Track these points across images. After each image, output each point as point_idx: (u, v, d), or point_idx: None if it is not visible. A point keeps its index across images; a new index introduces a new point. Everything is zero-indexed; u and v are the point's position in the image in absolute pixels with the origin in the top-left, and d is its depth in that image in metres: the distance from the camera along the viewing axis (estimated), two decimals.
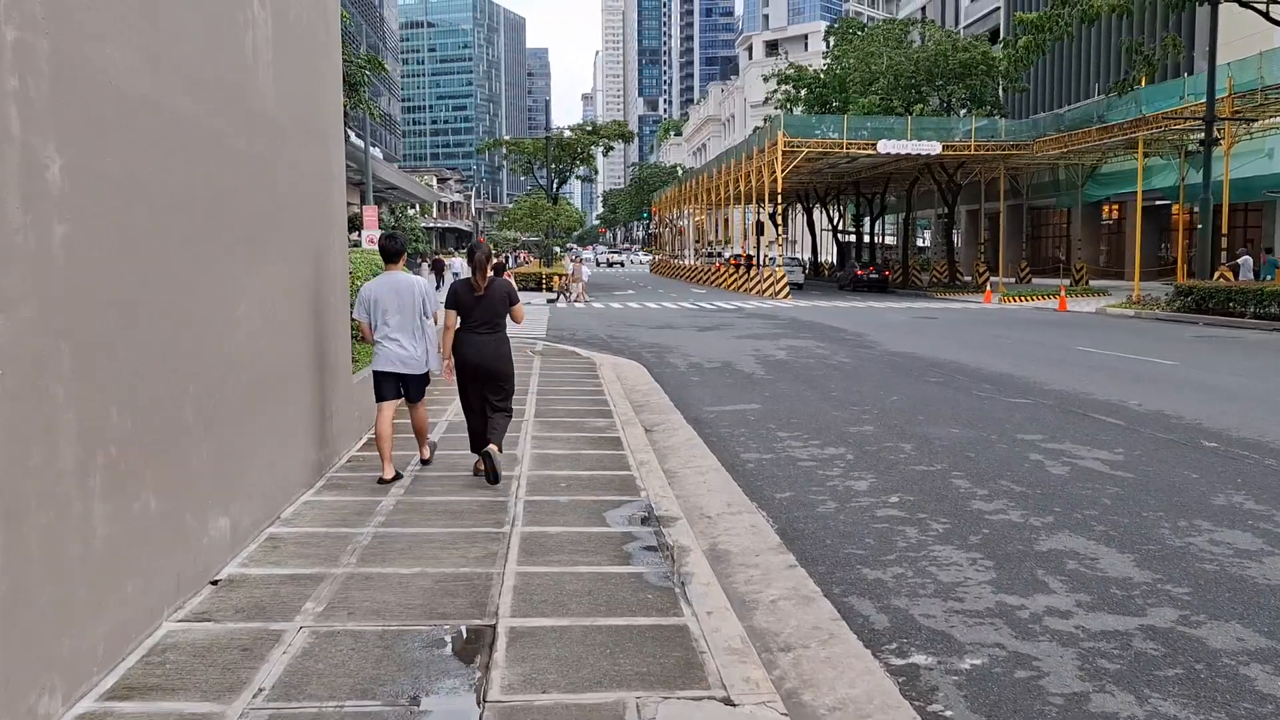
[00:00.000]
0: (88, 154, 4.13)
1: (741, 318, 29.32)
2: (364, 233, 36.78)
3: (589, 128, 70.64)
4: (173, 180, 4.96)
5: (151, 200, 4.72)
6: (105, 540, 4.18)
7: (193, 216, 5.23)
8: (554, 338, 22.29)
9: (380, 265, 8.79)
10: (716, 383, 14.56)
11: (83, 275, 4.06)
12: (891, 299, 42.35)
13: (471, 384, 7.82)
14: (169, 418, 4.83)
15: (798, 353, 18.59)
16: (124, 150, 4.45)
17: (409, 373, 7.94)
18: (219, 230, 5.61)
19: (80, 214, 4.05)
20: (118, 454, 4.29)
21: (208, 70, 5.49)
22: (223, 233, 5.66)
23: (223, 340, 5.62)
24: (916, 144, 42.39)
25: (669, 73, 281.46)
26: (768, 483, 8.20)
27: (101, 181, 4.24)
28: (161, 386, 4.77)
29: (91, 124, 4.17)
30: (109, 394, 4.25)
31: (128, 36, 4.52)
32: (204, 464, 5.26)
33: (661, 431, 10.58)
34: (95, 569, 4.11)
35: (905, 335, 22.46)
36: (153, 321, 4.71)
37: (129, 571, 4.41)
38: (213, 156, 5.55)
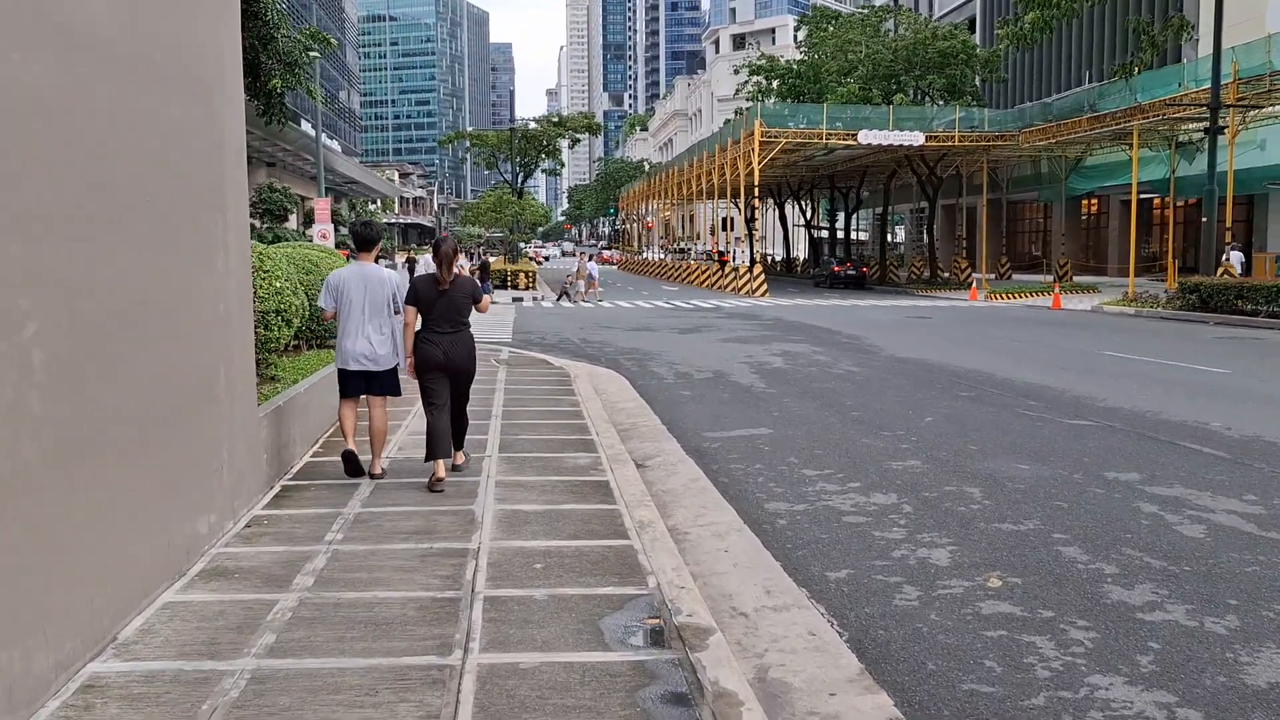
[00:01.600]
0: None
1: (722, 318, 27.30)
2: (316, 226, 34.36)
3: (555, 119, 68.37)
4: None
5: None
6: None
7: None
8: (521, 342, 20.13)
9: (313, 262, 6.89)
10: (712, 398, 12.50)
11: None
12: (873, 296, 40.53)
13: (435, 382, 7.46)
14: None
15: (795, 360, 16.56)
16: None
17: (379, 369, 7.53)
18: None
19: None
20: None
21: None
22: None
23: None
24: (899, 134, 40.58)
25: (634, 68, 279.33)
26: (811, 552, 6.14)
27: None
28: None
29: None
30: None
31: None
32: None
33: (658, 468, 8.49)
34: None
35: (905, 337, 20.53)
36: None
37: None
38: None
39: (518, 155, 63.55)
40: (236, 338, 6.33)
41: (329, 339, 12.68)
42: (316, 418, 8.91)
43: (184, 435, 5.36)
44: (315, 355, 11.52)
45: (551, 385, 12.86)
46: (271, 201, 53.44)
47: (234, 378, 6.23)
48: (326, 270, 12.03)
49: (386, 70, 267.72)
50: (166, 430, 5.10)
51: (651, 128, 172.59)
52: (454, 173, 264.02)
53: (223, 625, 4.53)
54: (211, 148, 5.95)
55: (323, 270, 11.98)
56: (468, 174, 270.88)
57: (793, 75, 58.82)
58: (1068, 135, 37.83)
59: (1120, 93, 34.98)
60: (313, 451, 8.46)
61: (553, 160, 68.84)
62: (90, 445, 4.24)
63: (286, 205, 53.53)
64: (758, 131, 39.89)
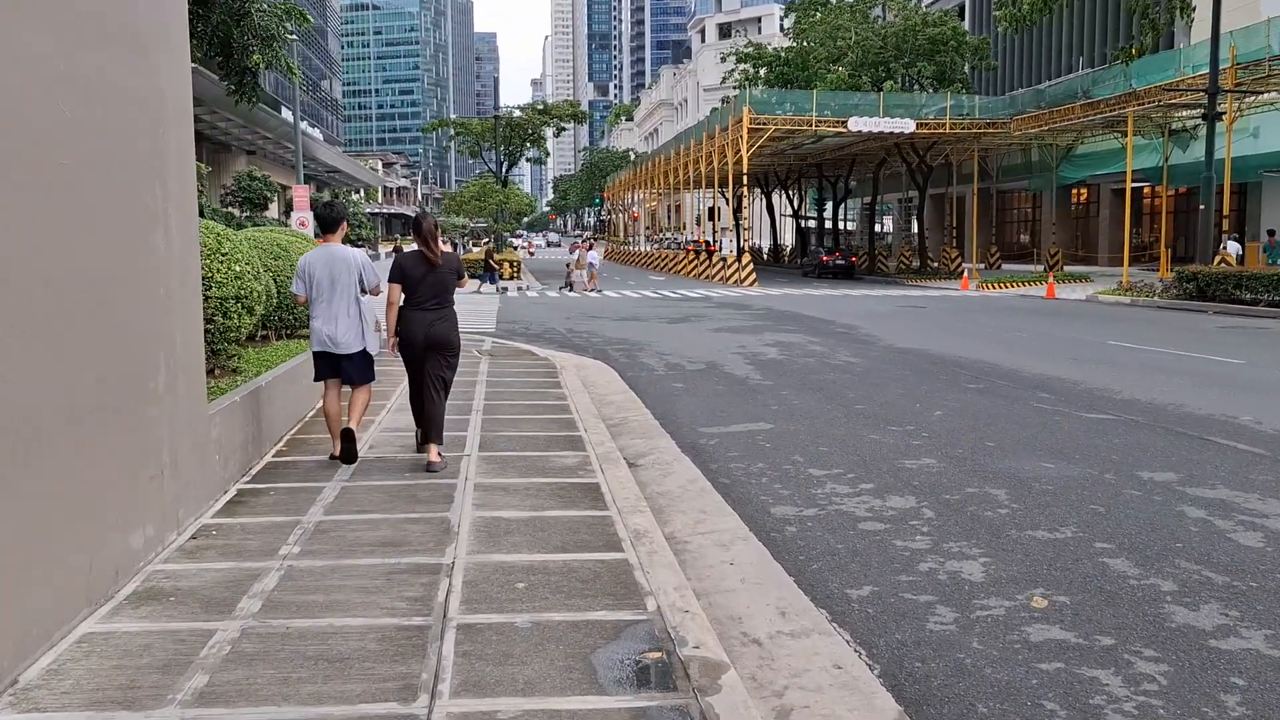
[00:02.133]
0: None
1: (712, 307, 26.63)
2: (295, 214, 33.52)
3: (540, 107, 67.48)
4: None
5: None
6: None
7: None
8: (504, 332, 19.42)
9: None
10: (706, 390, 11.84)
11: None
12: (863, 286, 39.95)
13: (419, 361, 7.36)
14: None
15: (791, 350, 15.91)
16: None
17: (341, 353, 7.27)
18: None
19: None
20: None
21: None
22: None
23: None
24: (889, 121, 39.94)
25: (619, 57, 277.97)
26: (827, 565, 5.48)
27: None
28: None
29: None
30: None
31: None
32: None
33: (652, 467, 7.83)
34: None
35: (901, 327, 19.91)
36: None
37: None
38: None
39: (502, 143, 62.64)
40: (180, 325, 5.62)
41: (300, 328, 11.97)
42: (282, 413, 8.20)
43: (113, 437, 4.65)
44: (284, 346, 10.79)
45: (536, 377, 12.17)
46: (251, 190, 52.48)
47: (178, 371, 5.53)
48: (297, 255, 11.32)
49: (370, 60, 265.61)
50: (90, 431, 4.40)
51: (637, 118, 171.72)
52: (438, 163, 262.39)
53: (147, 663, 3.83)
54: (146, 106, 5.23)
55: (292, 255, 11.30)
56: (452, 164, 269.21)
57: (780, 63, 58.13)
58: (1060, 123, 37.29)
59: (1115, 79, 34.41)
60: (276, 450, 7.75)
61: (538, 149, 67.96)
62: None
63: (267, 194, 52.56)
64: (746, 118, 39.19)
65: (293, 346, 10.69)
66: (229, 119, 54.07)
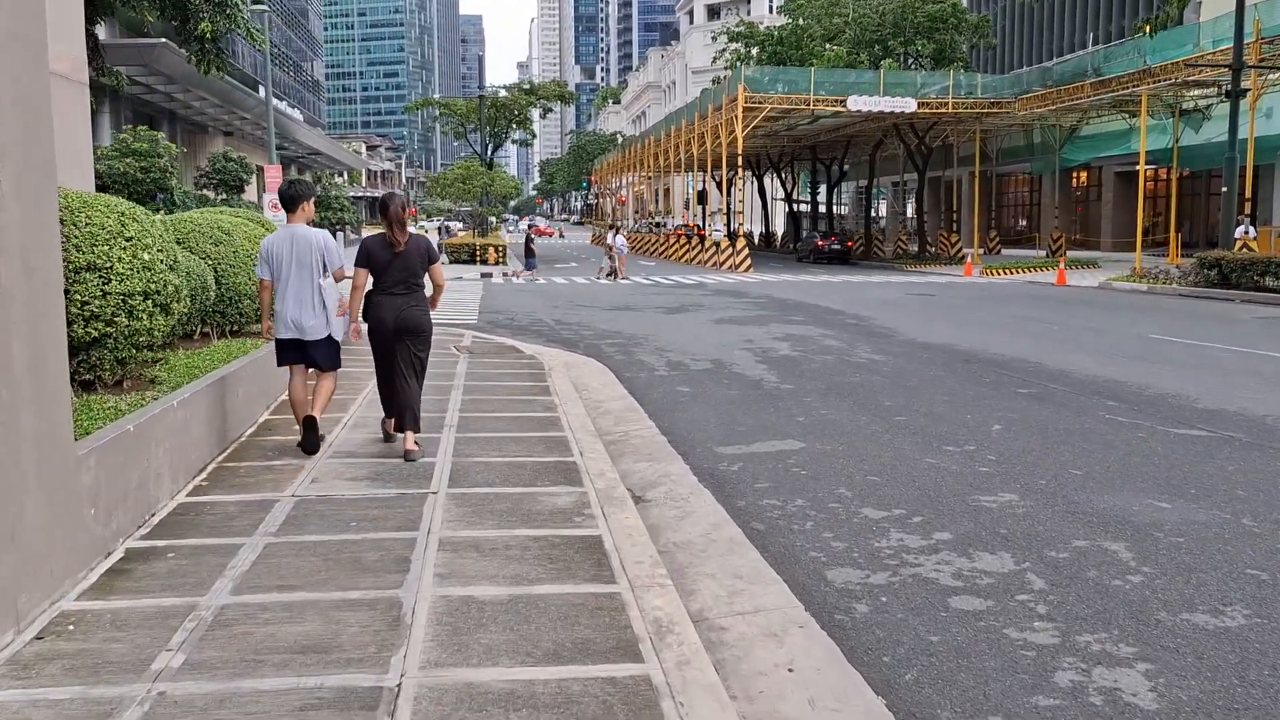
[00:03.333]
0: None
1: (709, 295, 25.06)
2: (267, 196, 31.76)
3: (526, 86, 65.57)
4: None
5: None
6: None
7: None
8: (487, 324, 17.82)
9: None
10: (717, 396, 10.28)
11: None
12: (861, 272, 38.44)
13: (387, 347, 7.03)
14: None
15: (804, 345, 14.37)
16: None
17: (308, 339, 7.01)
18: None
19: None
20: None
21: None
22: None
23: None
24: (890, 101, 38.33)
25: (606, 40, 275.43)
26: (927, 673, 3.94)
27: None
28: None
29: None
30: None
31: None
32: None
33: (665, 504, 6.29)
34: None
35: (916, 318, 18.40)
36: None
37: None
38: None
39: (488, 125, 60.75)
40: (23, 334, 4.04)
41: (250, 325, 10.36)
42: (204, 437, 6.62)
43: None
44: (225, 346, 9.18)
45: (522, 380, 10.60)
46: (227, 171, 50.55)
47: (18, 399, 3.95)
48: (243, 240, 9.73)
49: (354, 41, 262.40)
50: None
51: (624, 100, 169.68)
52: (424, 146, 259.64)
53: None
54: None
55: (237, 240, 9.70)
56: (437, 147, 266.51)
57: (774, 42, 56.46)
58: (1069, 101, 35.75)
59: (1128, 55, 32.89)
60: (194, 486, 6.17)
61: (524, 130, 66.06)
62: None
63: (243, 176, 50.70)
64: (741, 97, 37.53)
65: (234, 347, 9.09)
66: (203, 98, 52.12)
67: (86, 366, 6.36)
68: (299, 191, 7.03)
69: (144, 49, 41.43)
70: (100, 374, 6.48)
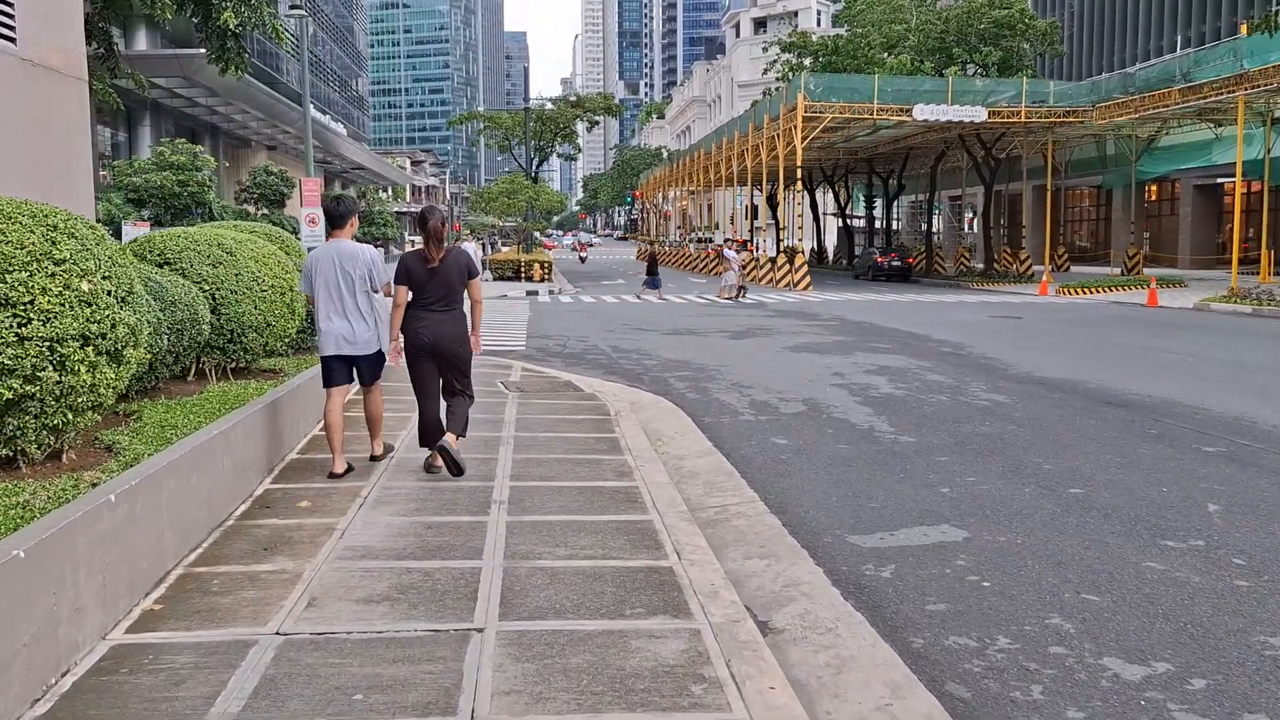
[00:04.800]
0: None
1: (773, 316, 23.11)
2: (304, 210, 30.27)
3: (572, 99, 64.09)
4: None
5: None
6: None
7: None
8: (537, 351, 16.01)
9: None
10: (824, 451, 8.34)
11: None
12: (926, 290, 36.29)
13: (425, 365, 6.80)
14: None
15: (906, 381, 12.38)
16: None
17: (358, 354, 6.82)
18: None
19: None
20: None
21: None
22: None
23: None
24: (959, 110, 36.20)
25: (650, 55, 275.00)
26: None
27: None
28: None
29: None
30: None
31: None
32: None
33: (805, 641, 4.38)
34: None
35: (1017, 346, 16.35)
36: None
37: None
38: None
39: (533, 138, 59.28)
40: None
41: (257, 361, 8.62)
42: (165, 534, 4.81)
43: None
44: (222, 391, 7.40)
45: (584, 430, 8.73)
46: (267, 185, 49.45)
47: None
48: (248, 260, 7.97)
49: (400, 58, 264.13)
50: None
51: (669, 115, 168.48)
52: (468, 161, 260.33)
53: None
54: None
55: (240, 260, 7.91)
56: (482, 163, 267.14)
57: (828, 51, 54.42)
58: (1153, 109, 33.39)
59: (1222, 59, 30.53)
60: (143, 612, 4.36)
61: (569, 144, 64.51)
62: None
63: (284, 190, 49.59)
64: (800, 106, 35.60)
65: (233, 393, 7.32)
66: (246, 111, 51.19)
67: (1, 439, 4.58)
68: (347, 207, 6.92)
69: (184, 60, 40.36)
70: (23, 447, 4.70)
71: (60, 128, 11.11)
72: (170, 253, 7.71)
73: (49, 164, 10.93)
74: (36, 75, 10.80)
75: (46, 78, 10.88)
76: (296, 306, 8.45)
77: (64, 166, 11.11)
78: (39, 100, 10.69)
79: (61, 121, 11.14)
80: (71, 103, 11.47)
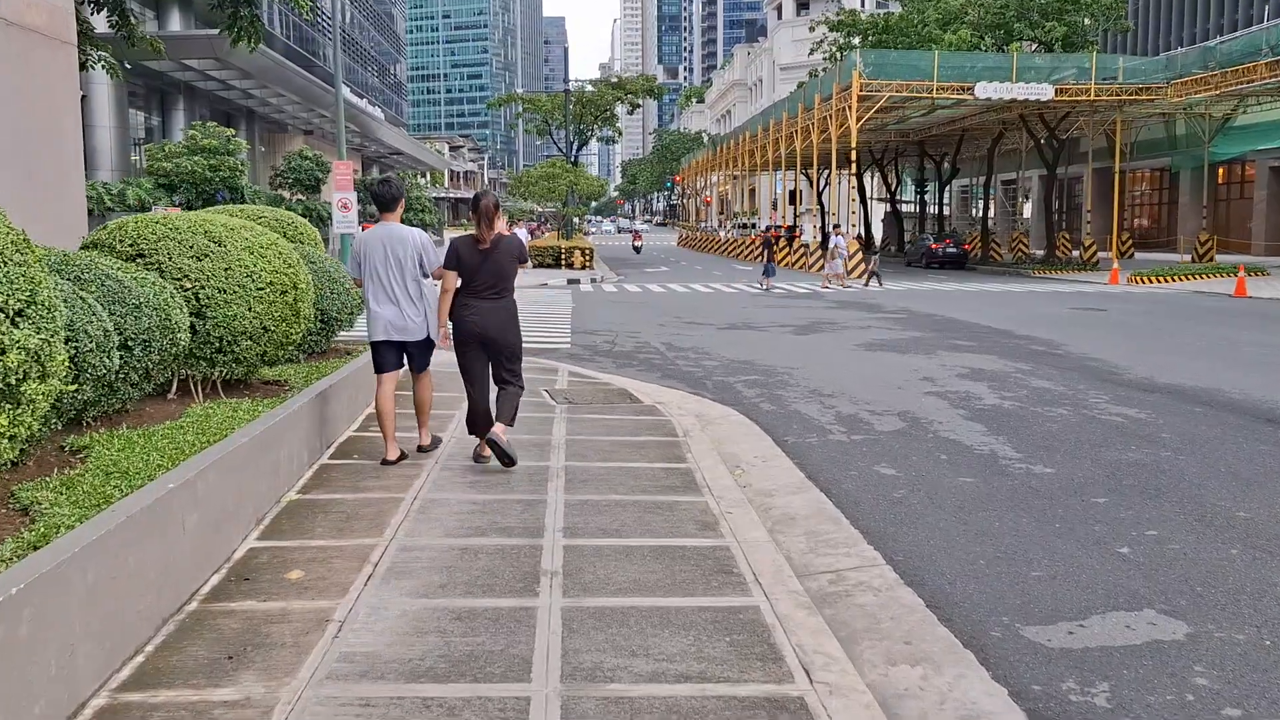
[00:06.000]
0: None
1: (834, 308, 21.45)
2: (335, 194, 28.94)
3: (614, 80, 62.42)
4: None
5: None
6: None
7: None
8: (583, 349, 14.51)
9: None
10: (947, 488, 6.76)
11: None
12: (986, 279, 34.38)
13: (474, 354, 6.58)
14: None
15: (1007, 387, 10.73)
16: None
17: (409, 340, 6.65)
18: None
19: None
20: None
21: None
22: None
23: None
24: (1024, 87, 34.20)
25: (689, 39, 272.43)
26: None
27: None
28: None
29: None
30: None
31: None
32: None
33: None
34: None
35: (1118, 343, 14.63)
36: None
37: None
38: None
39: (573, 121, 57.70)
40: None
41: (256, 373, 7.18)
42: (45, 672, 3.35)
43: None
44: (205, 413, 5.94)
45: (648, 456, 7.20)
46: (301, 170, 48.34)
47: None
48: (242, 251, 6.51)
49: (439, 44, 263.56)
50: None
51: (709, 99, 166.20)
52: (506, 147, 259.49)
53: None
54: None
55: (231, 252, 6.44)
56: (520, 148, 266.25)
57: (878, 30, 52.28)
58: (1236, 85, 31.20)
59: None
60: None
61: (610, 127, 62.79)
62: None
63: (319, 174, 48.45)
64: (856, 84, 33.75)
65: (217, 416, 5.85)
66: (281, 94, 50.02)
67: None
68: (397, 191, 6.78)
69: (215, 40, 39.04)
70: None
71: (44, 98, 9.71)
72: (145, 243, 6.27)
73: (30, 140, 9.53)
74: (13, 36, 9.38)
75: (25, 40, 9.48)
76: (302, 307, 6.99)
77: (49, 143, 9.72)
78: (17, 65, 9.30)
79: (45, 91, 9.75)
80: (57, 70, 10.07)
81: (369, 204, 46.02)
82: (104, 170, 36.88)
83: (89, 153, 37.21)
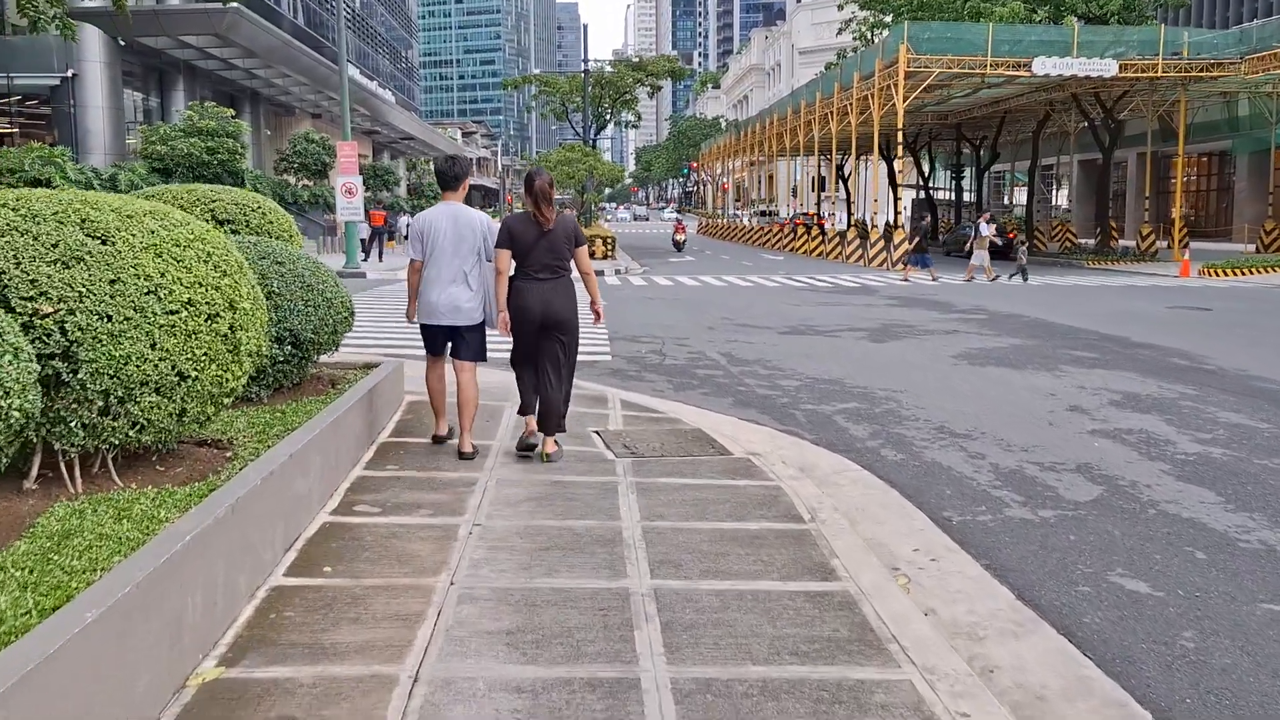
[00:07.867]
0: None
1: (897, 306, 18.94)
2: (340, 178, 26.55)
3: (634, 60, 59.78)
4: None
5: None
6: None
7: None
8: (627, 359, 12.04)
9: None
10: (1246, 624, 4.31)
11: None
12: (1043, 271, 31.77)
13: (531, 339, 6.33)
14: None
15: (1194, 425, 8.23)
16: None
17: (463, 324, 6.46)
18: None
19: None
20: None
21: None
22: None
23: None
24: (1084, 63, 31.50)
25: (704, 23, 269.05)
26: None
27: None
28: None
29: None
30: None
31: None
32: None
33: None
34: None
35: (1273, 356, 12.14)
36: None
37: None
38: None
39: (591, 104, 55.10)
40: None
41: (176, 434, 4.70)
42: None
43: None
44: (67, 526, 3.51)
45: (768, 557, 4.71)
46: (308, 153, 45.92)
47: None
48: (140, 252, 3.95)
49: (451, 29, 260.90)
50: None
51: (725, 84, 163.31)
52: (519, 134, 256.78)
53: None
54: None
55: (119, 252, 3.88)
56: (533, 135, 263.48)
57: (912, 7, 49.43)
58: None
59: None
60: None
61: (629, 111, 60.13)
62: None
63: (325, 159, 46.03)
64: (902, 59, 31.12)
65: (90, 532, 3.43)
66: (286, 75, 47.51)
67: None
68: (463, 169, 6.58)
69: (214, 15, 36.64)
70: None
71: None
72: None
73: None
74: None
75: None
76: (244, 337, 4.53)
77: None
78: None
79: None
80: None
81: (378, 190, 43.56)
82: (96, 154, 34.50)
83: (81, 135, 34.83)
